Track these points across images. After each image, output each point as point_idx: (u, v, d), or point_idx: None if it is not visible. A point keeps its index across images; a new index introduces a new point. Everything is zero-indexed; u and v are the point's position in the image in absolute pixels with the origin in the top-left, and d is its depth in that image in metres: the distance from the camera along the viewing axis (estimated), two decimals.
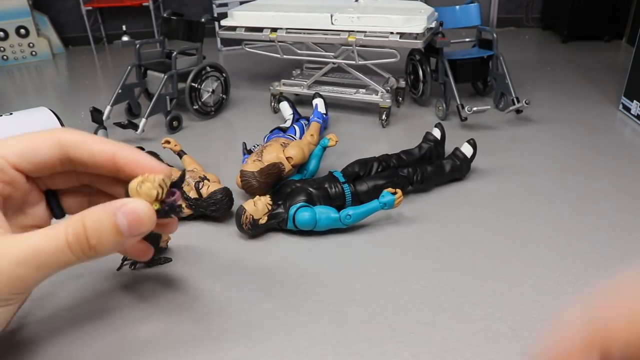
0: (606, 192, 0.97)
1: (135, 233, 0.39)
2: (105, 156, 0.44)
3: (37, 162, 0.43)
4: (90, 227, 0.38)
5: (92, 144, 0.43)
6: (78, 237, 0.38)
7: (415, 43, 1.28)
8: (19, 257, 0.37)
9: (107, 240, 0.39)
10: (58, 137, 0.43)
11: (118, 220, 0.38)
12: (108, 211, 0.39)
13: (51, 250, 0.38)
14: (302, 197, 0.85)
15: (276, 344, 0.56)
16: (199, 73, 1.41)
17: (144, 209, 0.39)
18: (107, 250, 0.39)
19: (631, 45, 1.89)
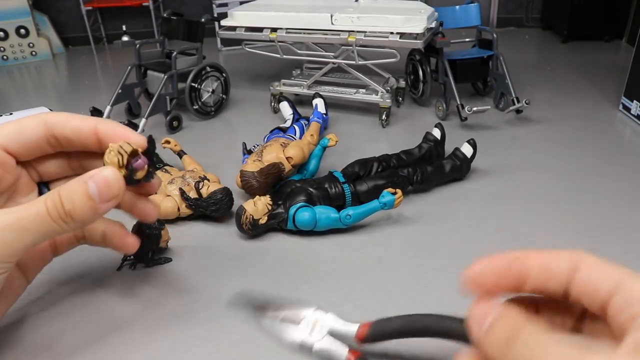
0: (606, 192, 0.97)
1: (106, 198, 0.43)
2: (87, 129, 0.48)
3: (24, 142, 0.47)
4: (65, 195, 0.43)
5: (75, 121, 0.48)
6: (54, 203, 0.43)
7: (415, 43, 1.28)
8: (4, 223, 0.41)
9: (79, 204, 0.42)
10: (43, 118, 0.48)
11: (89, 186, 0.42)
12: (80, 180, 0.44)
13: (33, 217, 0.42)
14: (302, 197, 0.85)
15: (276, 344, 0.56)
16: (199, 73, 1.41)
17: (111, 175, 0.44)
18: (82, 214, 0.43)
19: (631, 45, 1.89)
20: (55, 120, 0.46)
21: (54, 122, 0.46)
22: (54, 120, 0.46)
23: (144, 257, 0.71)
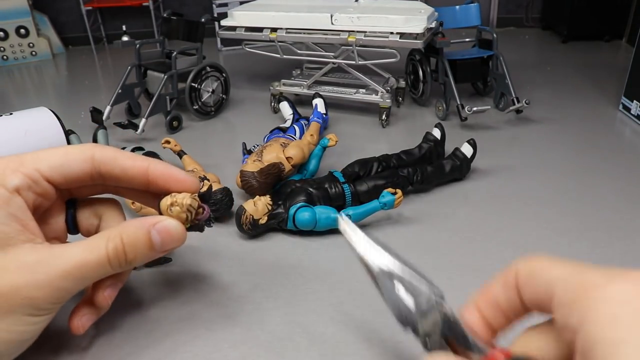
0: (606, 192, 0.97)
1: (166, 248, 0.44)
2: (138, 171, 0.47)
3: (68, 175, 0.46)
4: (128, 243, 0.43)
5: (124, 159, 0.47)
6: (117, 252, 0.43)
7: (415, 43, 1.28)
8: (65, 271, 0.41)
9: (141, 254, 0.43)
10: (91, 152, 0.46)
11: (152, 237, 0.43)
12: (144, 228, 0.43)
13: (94, 265, 0.42)
14: (302, 197, 0.85)
15: (276, 344, 0.56)
16: (199, 73, 1.41)
17: (176, 228, 0.44)
18: (140, 262, 0.44)
19: (631, 45, 1.89)
20: (104, 158, 0.45)
21: (102, 159, 0.45)
22: (102, 158, 0.45)
23: None
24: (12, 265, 0.38)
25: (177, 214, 0.44)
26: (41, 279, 0.38)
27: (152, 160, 0.47)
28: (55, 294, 0.40)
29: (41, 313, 0.40)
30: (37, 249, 0.40)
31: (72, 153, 0.45)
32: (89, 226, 0.50)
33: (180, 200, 0.45)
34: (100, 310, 0.50)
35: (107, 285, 0.48)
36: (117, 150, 0.46)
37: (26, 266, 0.38)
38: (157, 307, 0.62)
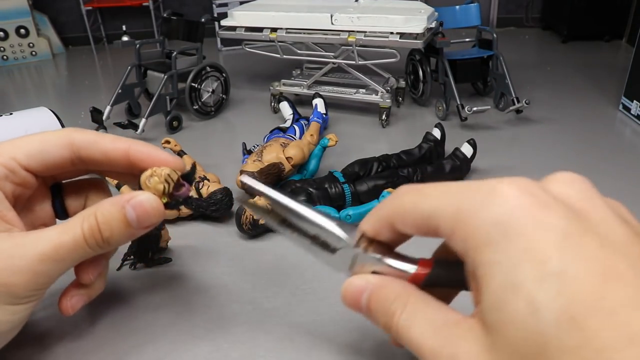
0: (606, 192, 0.96)
1: (144, 224, 0.41)
2: (119, 153, 0.45)
3: (47, 162, 0.44)
4: (102, 221, 0.40)
5: (104, 142, 0.44)
6: (92, 230, 0.40)
7: (415, 43, 1.28)
8: (41, 254, 0.39)
9: (117, 231, 0.41)
10: (70, 137, 0.44)
11: (127, 213, 0.41)
12: (117, 204, 0.41)
13: (70, 245, 0.40)
14: (302, 197, 0.85)
15: (276, 344, 0.56)
16: (199, 73, 1.41)
17: (151, 202, 0.42)
18: (118, 240, 0.41)
19: (631, 45, 1.89)
20: (83, 142, 0.43)
21: (81, 143, 0.43)
22: (82, 142, 0.43)
23: (144, 257, 0.71)
24: None
25: (154, 185, 0.41)
26: (18, 264, 0.37)
27: (132, 142, 0.45)
28: (34, 279, 0.38)
29: (21, 302, 0.39)
30: (13, 236, 0.38)
31: (49, 139, 0.43)
32: (76, 208, 0.49)
33: (159, 170, 0.42)
34: (90, 292, 0.49)
35: (90, 263, 0.46)
36: (97, 133, 0.44)
37: (1, 252, 0.37)
38: (157, 306, 0.62)
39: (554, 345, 0.19)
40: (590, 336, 0.18)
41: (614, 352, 0.18)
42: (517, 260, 0.22)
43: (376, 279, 0.34)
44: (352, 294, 0.35)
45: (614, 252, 0.21)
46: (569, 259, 0.21)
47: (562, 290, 0.20)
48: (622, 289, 0.19)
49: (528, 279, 0.21)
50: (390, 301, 0.31)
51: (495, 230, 0.23)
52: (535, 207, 0.24)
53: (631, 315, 0.19)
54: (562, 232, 0.22)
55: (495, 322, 0.22)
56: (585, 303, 0.19)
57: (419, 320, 0.28)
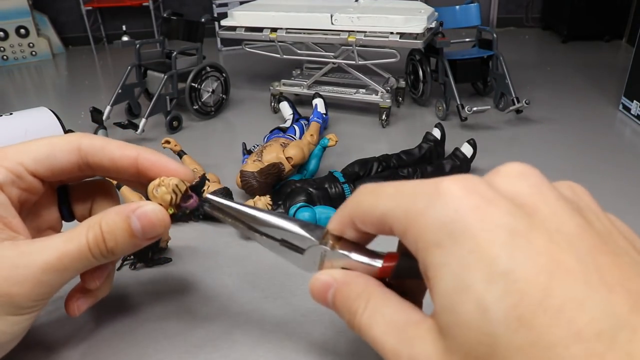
0: (606, 192, 0.97)
1: (149, 236, 0.40)
2: (127, 161, 0.43)
3: (54, 168, 0.43)
4: (107, 231, 0.39)
5: (112, 149, 0.43)
6: (97, 240, 0.39)
7: (415, 43, 1.28)
8: (45, 264, 0.38)
9: (122, 242, 0.40)
10: (77, 143, 0.43)
11: (132, 223, 0.40)
12: (122, 214, 0.40)
13: (75, 255, 0.39)
14: (302, 197, 0.85)
15: (276, 344, 0.56)
16: (199, 73, 1.41)
17: (156, 213, 0.41)
18: (123, 250, 0.40)
19: (631, 45, 1.89)
20: (91, 148, 0.42)
21: (89, 149, 0.42)
22: (90, 148, 0.42)
23: (144, 257, 0.71)
24: None
25: (161, 195, 0.40)
26: (22, 274, 0.36)
27: (141, 149, 0.44)
28: (37, 289, 0.37)
29: (23, 312, 0.38)
30: (18, 245, 0.37)
31: (57, 144, 0.42)
32: (83, 211, 0.48)
33: (167, 181, 0.41)
34: (96, 294, 0.49)
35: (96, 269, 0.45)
36: (105, 139, 0.43)
37: (3, 261, 0.36)
38: (156, 306, 0.62)
39: (504, 345, 0.19)
40: (539, 334, 0.18)
41: (562, 349, 0.18)
42: (464, 261, 0.22)
43: (341, 275, 0.34)
44: (318, 290, 0.35)
45: (562, 246, 0.21)
46: (516, 258, 0.21)
47: (509, 290, 0.20)
48: (570, 284, 0.19)
49: (476, 280, 0.21)
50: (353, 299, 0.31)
51: (442, 232, 0.23)
52: (481, 206, 0.24)
53: (578, 311, 0.19)
54: (508, 230, 0.22)
55: (447, 324, 0.22)
56: (532, 301, 0.19)
57: (380, 319, 0.28)
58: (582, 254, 0.21)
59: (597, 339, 0.18)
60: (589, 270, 0.20)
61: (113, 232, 0.39)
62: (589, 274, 0.20)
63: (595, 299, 0.19)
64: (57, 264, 0.37)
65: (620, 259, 0.21)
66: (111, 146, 0.43)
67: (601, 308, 0.18)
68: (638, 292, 0.19)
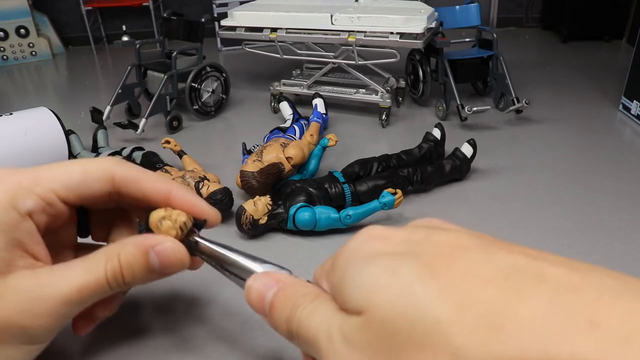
0: (606, 192, 0.97)
1: (166, 272, 0.41)
2: (159, 197, 0.43)
3: (85, 195, 0.42)
4: (125, 265, 0.39)
5: (145, 182, 0.43)
6: (115, 273, 0.39)
7: (415, 43, 1.28)
8: (66, 296, 0.37)
9: (139, 276, 0.41)
10: (112, 172, 0.42)
11: (150, 259, 0.40)
12: (141, 248, 0.40)
13: (93, 286, 0.39)
14: (302, 197, 0.85)
15: (276, 344, 0.56)
16: (199, 73, 1.41)
17: (175, 252, 0.41)
18: (140, 282, 0.41)
19: (631, 45, 1.89)
20: (125, 180, 0.42)
21: (122, 180, 0.42)
22: (123, 179, 0.42)
23: None
24: (8, 292, 0.36)
25: (166, 229, 0.40)
26: (41, 307, 0.36)
27: (174, 186, 0.43)
28: (54, 322, 0.37)
29: (37, 342, 0.38)
30: (37, 275, 0.37)
31: (91, 172, 0.41)
32: (99, 234, 0.48)
33: (175, 216, 0.40)
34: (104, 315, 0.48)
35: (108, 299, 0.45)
36: (139, 170, 0.43)
37: (23, 293, 0.36)
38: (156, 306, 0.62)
39: (421, 293, 0.21)
40: (451, 284, 0.21)
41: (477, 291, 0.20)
42: (366, 262, 0.25)
43: (288, 278, 0.34)
44: (257, 291, 0.34)
45: (461, 236, 0.25)
46: (417, 252, 0.24)
47: (413, 262, 0.23)
48: (470, 254, 0.22)
49: (378, 263, 0.24)
50: (300, 295, 0.31)
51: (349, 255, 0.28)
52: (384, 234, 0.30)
53: (481, 267, 0.21)
54: (409, 242, 0.26)
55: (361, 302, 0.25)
56: (438, 267, 0.22)
57: (322, 309, 0.29)
58: (480, 238, 0.25)
59: (507, 280, 0.20)
60: (488, 244, 0.23)
61: (131, 266, 0.39)
62: (488, 245, 0.23)
63: (498, 257, 0.22)
64: (77, 297, 0.37)
65: (518, 245, 0.24)
66: (144, 179, 0.42)
67: (504, 263, 0.21)
68: (536, 254, 0.23)
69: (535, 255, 0.23)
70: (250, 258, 0.40)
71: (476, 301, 0.20)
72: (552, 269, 0.22)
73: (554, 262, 0.22)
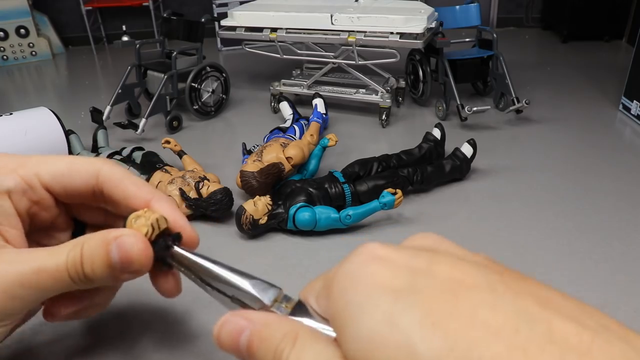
0: (606, 192, 0.97)
1: (127, 270, 0.38)
2: (139, 203, 0.41)
3: (69, 188, 0.41)
4: (86, 255, 0.37)
5: (128, 185, 0.41)
6: (75, 262, 0.37)
7: (415, 43, 1.28)
8: (22, 274, 0.36)
9: (99, 271, 0.37)
10: (98, 169, 0.41)
11: (111, 252, 0.37)
12: (103, 240, 0.37)
13: (52, 272, 0.37)
14: (302, 197, 0.85)
15: None
16: (199, 73, 1.41)
17: (133, 245, 0.37)
18: (101, 280, 0.37)
19: (631, 45, 1.89)
20: (109, 178, 0.41)
21: (106, 178, 0.41)
22: (107, 178, 0.41)
23: None
24: None
25: (138, 226, 0.38)
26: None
27: (156, 195, 0.42)
28: (12, 303, 0.35)
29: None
30: (1, 253, 0.36)
31: (77, 164, 0.41)
32: None
33: (149, 214, 0.39)
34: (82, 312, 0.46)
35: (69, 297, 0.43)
36: (125, 173, 0.42)
37: None
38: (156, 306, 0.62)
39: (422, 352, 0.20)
40: (456, 338, 0.19)
41: (484, 349, 0.19)
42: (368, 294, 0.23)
43: (259, 316, 0.31)
44: (229, 334, 0.31)
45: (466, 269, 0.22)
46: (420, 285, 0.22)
47: (417, 304, 0.21)
48: (477, 293, 0.20)
49: (381, 303, 0.22)
50: (278, 339, 0.29)
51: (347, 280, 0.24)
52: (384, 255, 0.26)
53: (491, 312, 0.20)
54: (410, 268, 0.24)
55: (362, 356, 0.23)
56: (442, 311, 0.20)
57: (310, 354, 0.27)
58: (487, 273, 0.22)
59: (515, 335, 0.18)
60: (495, 283, 0.21)
61: (91, 257, 0.36)
62: (494, 284, 0.21)
63: (505, 301, 0.20)
64: (34, 280, 0.36)
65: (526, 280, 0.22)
66: (128, 182, 0.41)
67: (512, 308, 0.19)
68: (547, 297, 0.20)
69: (544, 301, 0.21)
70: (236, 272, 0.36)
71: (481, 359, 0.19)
72: (562, 325, 0.20)
73: (563, 315, 0.21)
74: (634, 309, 0.68)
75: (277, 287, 0.35)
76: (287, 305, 0.33)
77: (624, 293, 0.71)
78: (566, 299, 0.21)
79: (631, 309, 0.68)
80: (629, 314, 0.68)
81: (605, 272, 0.74)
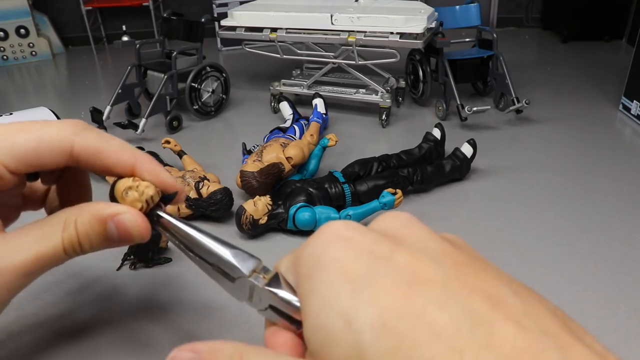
0: (606, 192, 0.97)
1: (125, 242, 0.39)
2: (123, 170, 0.40)
3: (36, 165, 0.40)
4: (82, 233, 0.37)
5: (109, 153, 0.40)
6: (72, 242, 0.37)
7: (415, 43, 1.28)
8: (23, 269, 0.36)
9: (97, 245, 0.38)
10: (70, 144, 0.39)
11: (109, 229, 0.37)
12: (100, 219, 0.37)
13: (51, 256, 0.37)
14: (302, 197, 0.85)
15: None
16: (199, 73, 1.41)
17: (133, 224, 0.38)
18: (98, 249, 0.39)
19: (631, 45, 1.89)
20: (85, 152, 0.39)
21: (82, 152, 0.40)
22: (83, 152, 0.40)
23: (144, 257, 0.71)
24: None
25: (131, 201, 0.38)
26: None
27: (139, 157, 0.41)
28: (11, 294, 0.37)
29: None
30: None
31: (45, 142, 0.39)
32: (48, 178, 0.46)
33: (142, 188, 0.39)
34: None
35: None
36: (101, 138, 0.40)
37: None
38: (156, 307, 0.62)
39: (371, 353, 0.20)
40: (402, 338, 0.19)
41: (425, 350, 0.20)
42: (329, 282, 0.23)
43: (205, 346, 0.32)
44: None
45: (424, 261, 0.22)
46: (377, 273, 0.22)
47: (372, 301, 0.21)
48: (429, 291, 0.20)
49: (340, 296, 0.22)
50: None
51: (311, 263, 0.24)
52: (348, 237, 0.25)
53: (438, 312, 0.20)
54: (372, 254, 0.24)
55: (318, 346, 0.23)
56: (394, 309, 0.20)
57: None
58: (444, 266, 0.22)
59: (456, 336, 0.19)
60: (450, 278, 0.21)
61: (88, 235, 0.37)
62: (449, 280, 0.21)
63: (455, 300, 0.20)
64: (35, 268, 0.35)
65: (485, 272, 0.22)
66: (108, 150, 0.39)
67: (460, 307, 0.19)
68: (499, 295, 0.20)
69: (495, 300, 0.21)
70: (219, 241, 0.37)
71: None
72: (503, 328, 0.20)
73: (508, 317, 0.21)
74: (634, 309, 0.68)
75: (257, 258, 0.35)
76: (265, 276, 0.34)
77: (624, 293, 0.71)
78: (517, 297, 0.21)
79: (631, 309, 0.68)
80: (629, 314, 0.68)
81: (605, 272, 0.74)
